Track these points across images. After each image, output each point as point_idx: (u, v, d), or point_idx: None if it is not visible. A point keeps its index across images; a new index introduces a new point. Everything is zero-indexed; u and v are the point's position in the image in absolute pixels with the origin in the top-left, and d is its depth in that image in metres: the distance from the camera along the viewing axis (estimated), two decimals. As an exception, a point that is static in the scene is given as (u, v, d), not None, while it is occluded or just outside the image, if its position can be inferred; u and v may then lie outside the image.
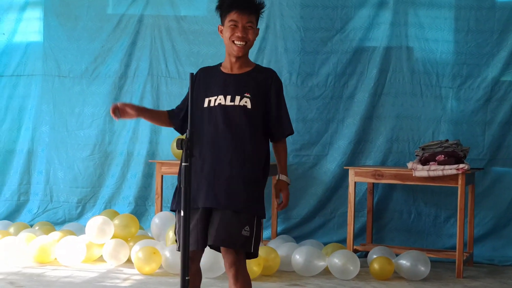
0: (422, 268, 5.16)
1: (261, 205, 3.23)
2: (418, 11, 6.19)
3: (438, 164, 5.33)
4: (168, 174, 6.03)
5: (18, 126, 6.67)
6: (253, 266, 4.96)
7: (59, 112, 6.61)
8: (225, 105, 3.17)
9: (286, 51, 6.32)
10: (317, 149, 6.26)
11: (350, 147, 6.23)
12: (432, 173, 5.32)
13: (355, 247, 5.69)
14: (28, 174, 6.65)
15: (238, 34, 3.18)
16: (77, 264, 5.30)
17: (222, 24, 3.26)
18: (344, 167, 5.91)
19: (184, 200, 2.75)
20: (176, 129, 3.39)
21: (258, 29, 3.28)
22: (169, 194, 6.41)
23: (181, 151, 2.85)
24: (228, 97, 3.18)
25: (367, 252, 5.67)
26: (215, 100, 3.20)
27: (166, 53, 6.51)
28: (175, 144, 6.02)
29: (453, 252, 5.46)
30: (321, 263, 5.24)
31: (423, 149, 5.51)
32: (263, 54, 6.37)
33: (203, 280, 4.73)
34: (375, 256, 5.32)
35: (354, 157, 6.25)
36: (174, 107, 3.42)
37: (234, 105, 3.17)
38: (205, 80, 3.28)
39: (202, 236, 3.16)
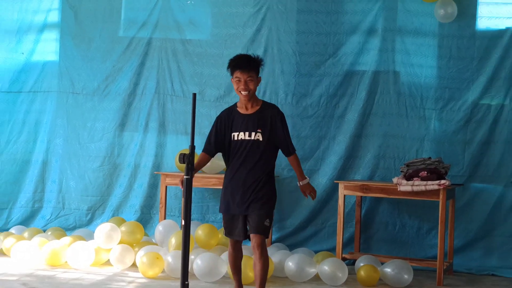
0: (406, 276, 5.17)
1: (273, 203, 4.25)
2: (405, 39, 6.23)
3: (421, 180, 5.35)
4: (172, 185, 6.05)
5: (34, 139, 6.70)
6: (248, 272, 4.97)
7: (72, 126, 6.64)
8: (245, 139, 4.19)
9: (283, 73, 6.36)
10: (310, 164, 6.28)
11: (340, 163, 6.25)
12: (415, 188, 5.34)
13: (343, 255, 5.70)
14: (42, 183, 6.67)
15: (242, 86, 4.19)
16: (86, 267, 5.30)
17: (232, 76, 4.26)
18: (335, 181, 5.93)
19: (184, 210, 2.78)
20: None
21: (260, 77, 4.29)
22: (172, 203, 6.46)
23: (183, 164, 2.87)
24: (247, 133, 4.19)
25: (355, 260, 5.67)
26: (238, 135, 4.21)
27: (172, 73, 6.55)
28: (177, 159, 6.06)
29: (434, 261, 5.47)
30: (312, 270, 5.24)
31: (407, 165, 5.53)
32: (261, 76, 6.37)
33: (202, 285, 4.76)
34: (362, 264, 5.33)
35: (344, 172, 6.27)
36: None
37: (252, 139, 4.18)
38: (229, 119, 4.26)
39: (243, 230, 4.21)
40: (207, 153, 4.31)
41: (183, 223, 2.73)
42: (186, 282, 2.77)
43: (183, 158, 2.79)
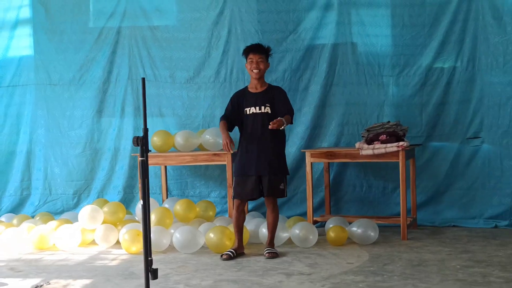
0: (372, 233, 5.15)
1: (286, 167, 4.88)
2: (360, 11, 6.13)
3: (381, 143, 5.31)
4: (150, 165, 5.95)
5: (17, 130, 6.56)
6: (225, 241, 4.93)
7: (52, 116, 6.50)
8: (257, 112, 4.81)
9: (247, 53, 6.24)
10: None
11: (307, 133, 6.19)
12: (376, 151, 5.30)
13: (315, 218, 5.67)
14: (28, 172, 6.55)
15: (254, 65, 4.84)
16: (73, 248, 5.23)
17: (246, 62, 4.89)
18: (302, 150, 5.88)
19: (142, 191, 2.71)
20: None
21: (268, 63, 4.94)
22: (152, 182, 6.40)
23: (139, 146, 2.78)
24: (257, 107, 4.80)
25: (325, 222, 5.64)
26: (250, 109, 4.82)
27: (143, 59, 6.41)
28: (153, 138, 5.97)
29: (399, 217, 5.45)
30: (285, 235, 5.21)
31: (368, 130, 5.47)
32: (227, 56, 6.29)
33: (182, 256, 4.73)
34: (331, 226, 5.30)
35: (311, 141, 6.21)
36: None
37: (261, 112, 4.80)
38: (241, 97, 4.89)
39: (254, 191, 4.78)
40: (226, 120, 4.84)
41: (141, 202, 2.66)
42: (149, 258, 2.70)
43: (137, 140, 2.70)
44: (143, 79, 2.71)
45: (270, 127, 4.59)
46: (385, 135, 5.31)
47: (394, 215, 5.94)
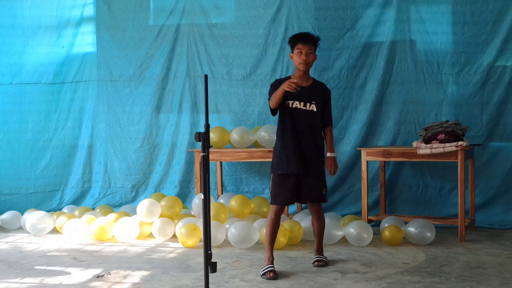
0: (428, 234, 5.08)
1: (324, 172, 4.42)
2: (419, 8, 6.04)
3: (439, 142, 5.22)
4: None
5: (79, 125, 6.78)
6: (280, 238, 4.96)
7: (113, 111, 6.70)
8: (301, 108, 4.31)
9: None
10: (335, 133, 6.16)
11: (363, 131, 6.15)
12: (434, 151, 5.22)
13: (369, 217, 5.63)
14: (89, 165, 6.77)
15: (303, 57, 4.28)
16: (131, 240, 5.38)
17: (292, 51, 4.36)
18: (357, 148, 5.84)
19: (203, 186, 2.77)
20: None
21: (316, 55, 4.38)
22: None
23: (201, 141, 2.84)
24: (302, 103, 4.31)
25: (380, 222, 5.60)
26: (293, 103, 4.30)
27: (201, 56, 6.52)
28: (210, 135, 6.05)
29: (456, 219, 5.35)
30: (339, 233, 5.20)
31: (426, 129, 5.39)
32: (284, 53, 6.31)
33: (237, 251, 4.80)
34: (386, 225, 5.25)
35: (367, 139, 6.17)
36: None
37: (306, 109, 4.32)
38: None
39: (293, 194, 4.31)
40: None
41: (201, 197, 2.72)
42: (209, 252, 2.77)
43: (199, 136, 2.77)
44: (206, 76, 2.77)
45: (330, 174, 4.41)
46: (443, 134, 5.22)
47: (451, 216, 5.83)
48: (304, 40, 4.30)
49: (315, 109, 4.33)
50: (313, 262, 4.48)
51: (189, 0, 6.51)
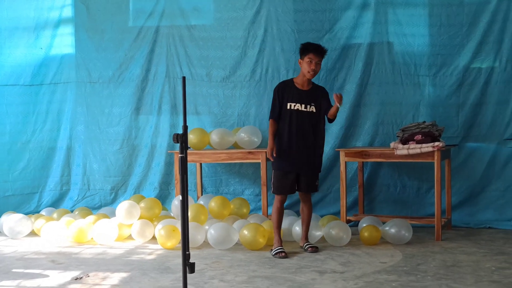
0: (405, 233, 5.16)
1: (320, 166, 5.01)
2: (397, 10, 6.12)
3: (416, 143, 5.30)
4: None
5: (58, 127, 6.74)
6: (259, 238, 5.00)
7: (92, 113, 6.67)
8: (301, 110, 4.86)
9: (283, 51, 6.30)
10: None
11: (342, 132, 6.22)
12: (411, 151, 5.29)
13: (348, 217, 5.69)
14: (68, 167, 6.74)
15: (313, 67, 4.84)
16: (110, 242, 5.37)
17: (302, 58, 4.87)
18: (336, 149, 5.91)
19: (181, 186, 2.79)
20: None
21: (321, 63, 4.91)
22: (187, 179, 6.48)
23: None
24: (303, 105, 4.85)
25: (359, 222, 5.66)
26: (294, 105, 4.85)
27: (180, 58, 6.53)
28: (189, 136, 6.06)
29: (433, 218, 5.43)
30: (318, 233, 5.25)
31: (403, 130, 5.47)
32: (263, 55, 6.36)
33: (216, 252, 4.82)
34: (364, 225, 5.32)
35: (346, 140, 6.24)
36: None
37: (307, 111, 4.87)
38: (285, 90, 4.91)
39: (293, 186, 4.92)
40: (276, 120, 4.90)
41: (180, 198, 2.74)
42: (187, 252, 2.79)
43: (177, 137, 2.79)
44: (184, 78, 2.80)
45: (336, 100, 4.69)
46: (420, 135, 5.30)
47: (428, 215, 5.92)
48: (317, 52, 4.83)
49: (314, 110, 4.87)
50: (306, 249, 4.92)
51: (168, 2, 6.52)
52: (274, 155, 4.85)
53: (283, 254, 4.75)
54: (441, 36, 6.03)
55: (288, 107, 4.86)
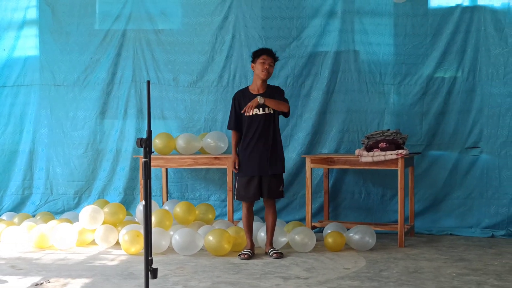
0: (369, 240, 5.21)
1: (283, 168, 5.07)
2: (363, 19, 6.21)
3: (380, 151, 5.37)
4: (152, 167, 5.97)
5: (20, 130, 6.62)
6: (224, 244, 4.99)
7: (56, 116, 6.58)
8: (259, 114, 4.95)
9: (250, 57, 6.28)
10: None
11: (307, 138, 6.26)
12: (375, 158, 5.36)
13: (313, 223, 5.72)
14: (30, 171, 6.62)
15: (266, 66, 4.97)
16: (72, 248, 5.28)
17: (254, 62, 5.02)
18: (302, 156, 5.94)
19: (144, 191, 2.77)
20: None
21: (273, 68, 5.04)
22: (153, 184, 6.42)
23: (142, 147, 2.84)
24: (260, 109, 4.92)
25: (323, 228, 5.69)
26: (253, 111, 4.91)
27: (147, 62, 6.49)
28: (155, 141, 6.03)
29: (396, 225, 5.50)
30: (283, 239, 5.27)
31: (367, 137, 5.54)
32: (230, 60, 6.37)
33: (180, 258, 4.78)
34: (329, 231, 5.35)
35: (311, 147, 6.28)
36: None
37: (265, 113, 4.95)
38: (243, 98, 5.00)
39: (257, 192, 4.97)
40: (237, 130, 5.02)
41: (143, 203, 2.72)
42: (149, 258, 2.76)
43: (140, 142, 2.77)
44: (148, 82, 2.77)
45: (248, 109, 4.84)
46: (384, 143, 5.37)
47: (392, 222, 5.99)
48: (268, 53, 5.00)
49: (272, 111, 4.95)
50: (271, 255, 4.93)
51: (135, 6, 6.48)
52: (237, 166, 4.98)
53: (245, 256, 4.85)
54: (406, 46, 6.14)
55: (246, 114, 4.94)
